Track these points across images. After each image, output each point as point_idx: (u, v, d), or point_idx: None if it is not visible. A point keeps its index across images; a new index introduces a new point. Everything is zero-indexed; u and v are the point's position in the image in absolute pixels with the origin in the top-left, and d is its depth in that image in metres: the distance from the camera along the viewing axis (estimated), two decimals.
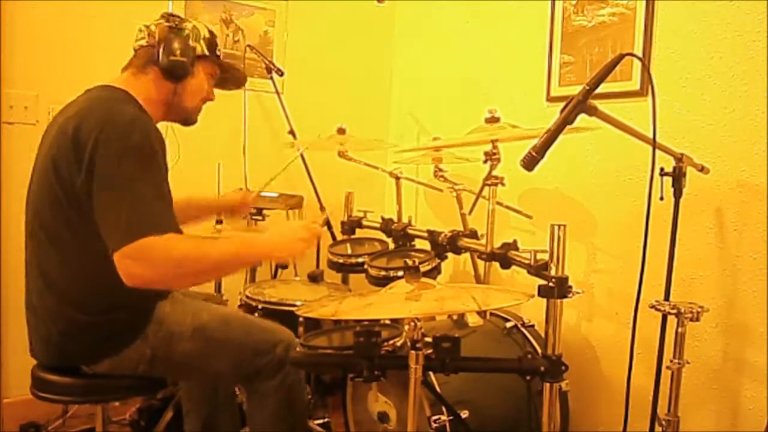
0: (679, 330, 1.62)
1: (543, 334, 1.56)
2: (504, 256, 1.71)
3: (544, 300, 1.50)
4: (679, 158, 1.66)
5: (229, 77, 1.81)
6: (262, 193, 2.56)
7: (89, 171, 1.39)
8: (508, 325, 2.01)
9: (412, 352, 1.34)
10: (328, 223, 2.68)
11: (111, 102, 1.52)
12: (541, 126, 1.44)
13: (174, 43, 1.59)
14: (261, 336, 1.67)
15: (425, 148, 2.33)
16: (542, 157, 1.35)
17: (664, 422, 1.66)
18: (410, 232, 2.22)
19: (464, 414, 1.69)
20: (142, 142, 1.42)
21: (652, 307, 1.66)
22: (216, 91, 1.78)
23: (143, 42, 1.63)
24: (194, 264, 1.41)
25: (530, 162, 1.35)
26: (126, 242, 1.33)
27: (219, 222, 2.25)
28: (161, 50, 1.59)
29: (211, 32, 1.70)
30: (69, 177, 1.43)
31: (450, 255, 2.01)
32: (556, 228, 1.49)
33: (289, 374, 1.67)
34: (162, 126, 1.66)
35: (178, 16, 1.66)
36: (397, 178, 2.48)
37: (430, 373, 1.64)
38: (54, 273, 1.52)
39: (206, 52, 1.66)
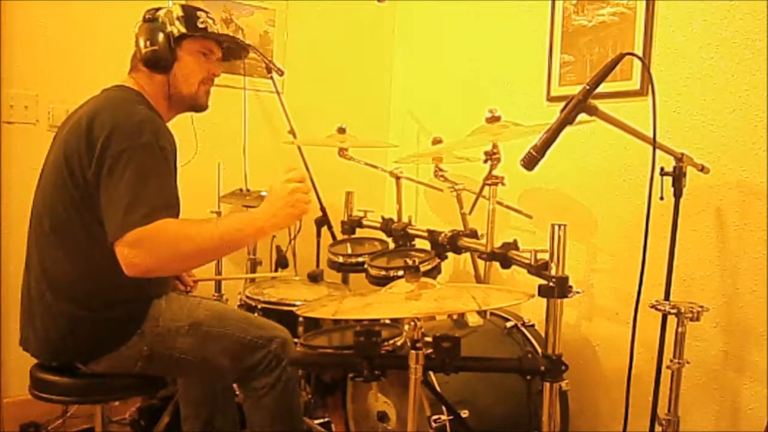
0: (679, 330, 1.62)
1: (543, 334, 1.56)
2: (504, 256, 1.71)
3: (544, 300, 1.50)
4: (679, 158, 1.66)
5: (228, 46, 1.77)
6: (263, 193, 2.56)
7: (99, 167, 1.42)
8: (508, 324, 2.00)
9: (412, 351, 1.34)
10: (328, 223, 2.68)
11: (124, 101, 1.55)
12: (541, 125, 1.44)
13: (149, 35, 1.59)
14: (257, 332, 1.67)
15: (428, 154, 2.32)
16: (542, 156, 1.35)
17: (664, 422, 1.66)
18: (410, 231, 2.22)
19: (464, 414, 1.69)
20: (150, 141, 1.44)
21: (652, 306, 1.66)
22: (215, 89, 1.77)
23: (134, 47, 1.64)
24: (189, 243, 1.41)
25: (530, 162, 1.35)
26: (124, 232, 1.35)
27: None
28: (140, 46, 1.60)
29: (186, 8, 1.65)
30: (81, 172, 1.45)
31: (450, 255, 2.01)
32: (556, 228, 1.49)
33: (285, 371, 1.67)
34: (176, 124, 1.66)
35: (154, 8, 1.64)
36: (397, 178, 2.48)
37: (430, 372, 1.64)
38: (56, 269, 1.53)
39: (185, 31, 1.63)
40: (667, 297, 1.68)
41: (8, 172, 2.35)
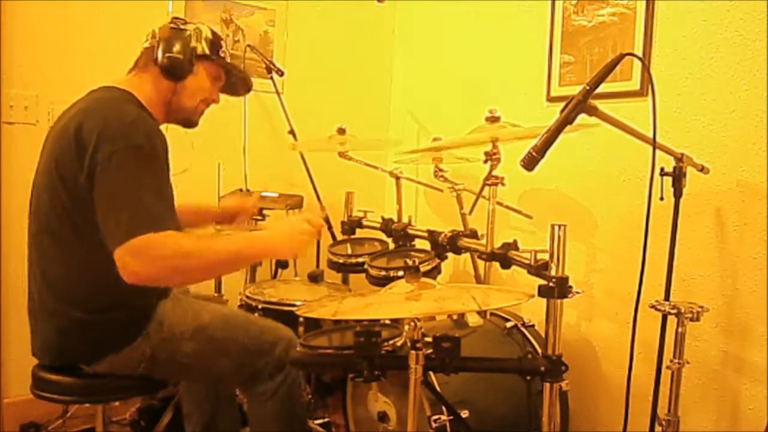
0: (679, 330, 1.62)
1: (543, 334, 1.56)
2: (504, 256, 1.70)
3: (544, 300, 1.50)
4: (679, 158, 1.66)
5: (236, 81, 1.80)
6: (263, 193, 2.56)
7: (91, 170, 1.40)
8: (508, 325, 2.01)
9: (412, 352, 1.34)
10: (328, 223, 2.68)
11: (113, 102, 1.53)
12: (541, 125, 1.44)
13: (173, 42, 1.60)
14: (261, 336, 1.67)
15: (427, 150, 2.33)
16: (542, 157, 1.35)
17: (664, 422, 1.66)
18: (410, 232, 2.22)
19: (464, 414, 1.69)
20: (143, 142, 1.42)
21: (652, 307, 1.66)
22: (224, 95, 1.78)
23: (147, 44, 1.64)
24: (192, 260, 1.40)
25: (530, 162, 1.35)
26: (125, 240, 1.33)
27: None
28: (160, 49, 1.59)
29: (214, 34, 1.69)
30: (72, 176, 1.43)
31: (450, 255, 2.01)
32: (556, 228, 1.49)
33: (289, 375, 1.67)
34: (174, 129, 1.66)
35: (184, 20, 1.66)
36: (397, 178, 2.48)
37: (430, 372, 1.64)
38: (55, 272, 1.52)
39: (207, 52, 1.66)
40: (667, 297, 1.68)
41: (8, 172, 2.35)
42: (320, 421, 2.10)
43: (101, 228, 1.39)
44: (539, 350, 1.92)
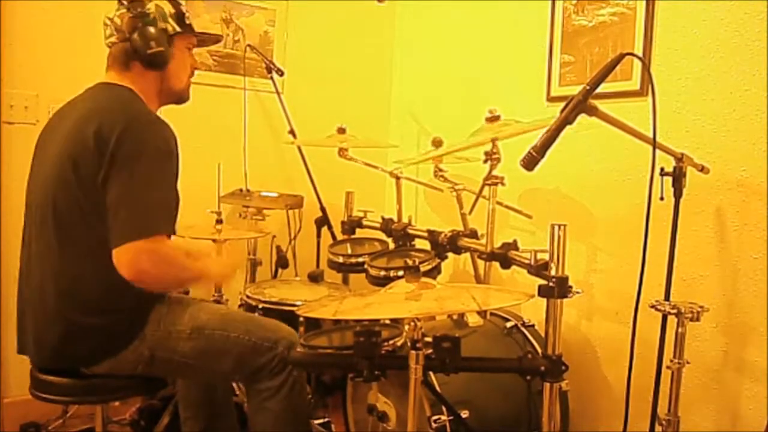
0: (679, 330, 1.62)
1: (543, 334, 1.56)
2: (504, 256, 1.71)
3: (544, 300, 1.50)
4: (679, 158, 1.66)
5: (204, 38, 1.81)
6: (263, 193, 2.56)
7: (109, 167, 1.41)
8: (508, 324, 2.00)
9: (412, 352, 1.34)
10: (328, 223, 2.69)
11: (126, 101, 1.54)
12: (543, 119, 1.44)
13: (145, 32, 1.56)
14: (262, 334, 1.66)
15: (430, 158, 2.32)
16: (542, 156, 1.35)
17: (664, 422, 1.66)
18: (410, 231, 2.22)
19: (464, 414, 1.69)
20: (159, 144, 1.45)
21: (652, 306, 1.66)
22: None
23: (113, 38, 1.60)
24: (184, 272, 1.54)
25: (530, 162, 1.35)
26: (140, 236, 1.36)
27: (219, 222, 2.25)
28: (136, 43, 1.56)
29: (174, 4, 1.65)
30: (90, 175, 1.44)
31: (450, 255, 2.01)
32: (556, 228, 1.49)
33: (291, 374, 1.66)
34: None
35: (137, 1, 1.60)
36: (397, 178, 2.48)
37: (430, 372, 1.64)
38: (59, 274, 1.51)
39: (178, 29, 1.64)
40: (667, 297, 1.68)
41: (8, 172, 2.35)
42: (320, 421, 2.10)
43: (110, 223, 1.40)
44: (539, 350, 1.91)
